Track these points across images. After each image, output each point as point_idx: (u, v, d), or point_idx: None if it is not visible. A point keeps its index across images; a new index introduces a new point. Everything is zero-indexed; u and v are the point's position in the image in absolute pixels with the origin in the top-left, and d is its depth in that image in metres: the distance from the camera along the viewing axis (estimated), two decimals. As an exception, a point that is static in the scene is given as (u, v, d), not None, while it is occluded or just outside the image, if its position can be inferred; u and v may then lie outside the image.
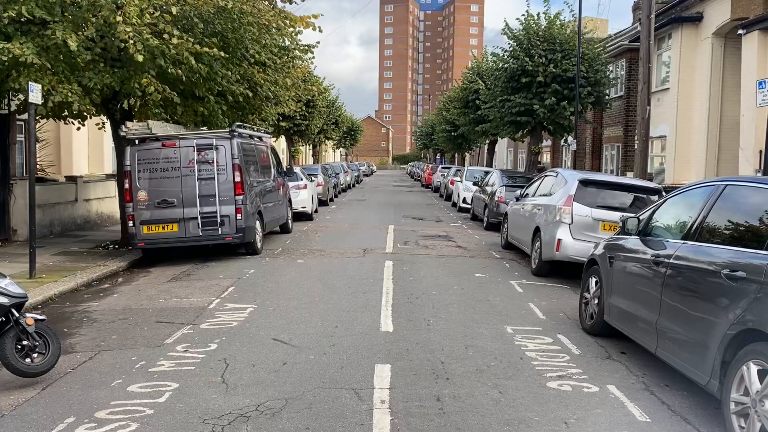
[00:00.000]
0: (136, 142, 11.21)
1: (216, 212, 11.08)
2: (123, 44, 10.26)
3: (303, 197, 18.17)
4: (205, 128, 13.20)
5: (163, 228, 11.12)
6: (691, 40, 19.90)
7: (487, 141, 36.66)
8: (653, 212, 6.26)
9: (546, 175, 11.82)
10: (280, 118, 30.81)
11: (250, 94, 12.29)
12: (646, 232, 6.19)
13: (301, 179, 18.51)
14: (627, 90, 24.16)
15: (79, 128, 14.38)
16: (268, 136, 14.21)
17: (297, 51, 13.76)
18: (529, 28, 22.25)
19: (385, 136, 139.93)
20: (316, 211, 20.92)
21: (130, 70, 11.09)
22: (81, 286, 9.45)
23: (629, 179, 11.11)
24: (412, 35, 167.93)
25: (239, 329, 6.87)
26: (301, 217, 18.36)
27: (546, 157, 34.66)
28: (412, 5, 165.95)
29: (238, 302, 8.17)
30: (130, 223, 11.13)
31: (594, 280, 7.13)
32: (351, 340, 6.43)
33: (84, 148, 20.47)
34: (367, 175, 66.84)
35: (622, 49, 24.05)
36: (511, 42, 22.40)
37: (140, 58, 9.92)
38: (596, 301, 6.97)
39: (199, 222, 11.06)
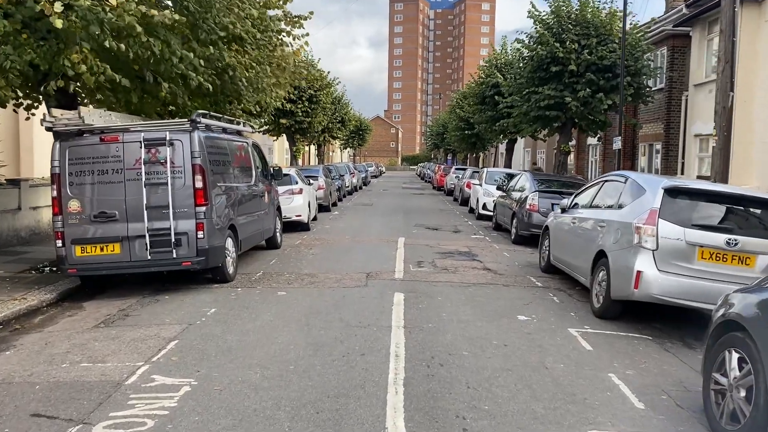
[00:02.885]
0: (84, 134, 8.54)
1: (169, 229, 8.35)
2: (39, 6, 7.63)
3: (297, 204, 15.42)
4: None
5: (102, 249, 8.40)
6: (751, 22, 16.99)
7: (506, 140, 33.78)
8: None
9: (606, 180, 9.01)
10: (280, 114, 28.23)
11: (218, 82, 9.57)
12: None
13: (296, 182, 15.76)
14: (669, 81, 21.26)
15: (28, 118, 11.77)
16: (250, 129, 11.46)
17: (283, 23, 11.00)
18: (559, 11, 19.44)
19: (394, 137, 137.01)
20: (314, 218, 18.19)
21: (60, 43, 8.46)
22: (-28, 334, 6.78)
23: (734, 187, 8.28)
24: (422, 34, 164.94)
25: (151, 440, 4.14)
26: (295, 226, 15.62)
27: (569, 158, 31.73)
28: (422, 4, 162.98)
29: (173, 373, 5.43)
30: (59, 243, 8.44)
31: (736, 356, 4.36)
32: (334, 474, 3.69)
33: (49, 145, 17.84)
34: (375, 177, 64.06)
35: (665, 35, 21.15)
36: (537, 26, 19.61)
37: (59, 23, 7.28)
38: (743, 394, 4.21)
39: (148, 242, 8.35)
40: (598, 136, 22.97)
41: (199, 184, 8.43)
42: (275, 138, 33.74)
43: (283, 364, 5.62)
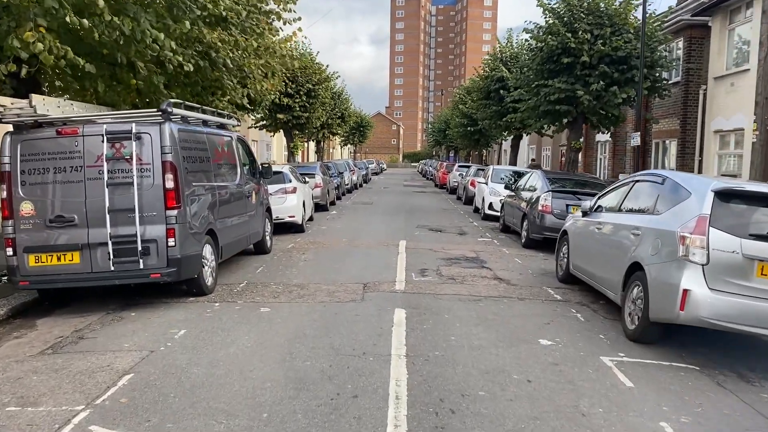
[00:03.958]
0: (42, 126, 7.46)
1: (136, 235, 7.26)
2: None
3: (291, 204, 14.32)
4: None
5: (59, 259, 7.31)
6: (778, 8, 15.85)
7: (510, 137, 32.64)
8: None
9: (638, 180, 7.88)
10: (277, 109, 27.09)
11: (191, 66, 8.44)
12: None
13: (290, 180, 14.66)
14: (686, 74, 20.12)
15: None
16: (235, 122, 10.34)
17: (273, 2, 9.89)
18: (570, -1, 18.32)
19: (395, 133, 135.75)
20: (310, 219, 17.12)
21: (11, 21, 7.37)
22: None
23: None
24: (423, 30, 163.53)
25: None
26: (289, 228, 14.55)
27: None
28: (424, 0, 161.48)
29: (117, 422, 4.33)
30: (9, 251, 7.34)
31: None
32: None
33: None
34: (376, 174, 62.95)
35: (682, 25, 19.98)
36: (547, 16, 18.47)
37: None
38: None
39: (111, 250, 7.25)
40: (609, 132, 21.81)
41: (170, 184, 7.33)
42: (272, 134, 32.61)
43: (254, 411, 4.52)
